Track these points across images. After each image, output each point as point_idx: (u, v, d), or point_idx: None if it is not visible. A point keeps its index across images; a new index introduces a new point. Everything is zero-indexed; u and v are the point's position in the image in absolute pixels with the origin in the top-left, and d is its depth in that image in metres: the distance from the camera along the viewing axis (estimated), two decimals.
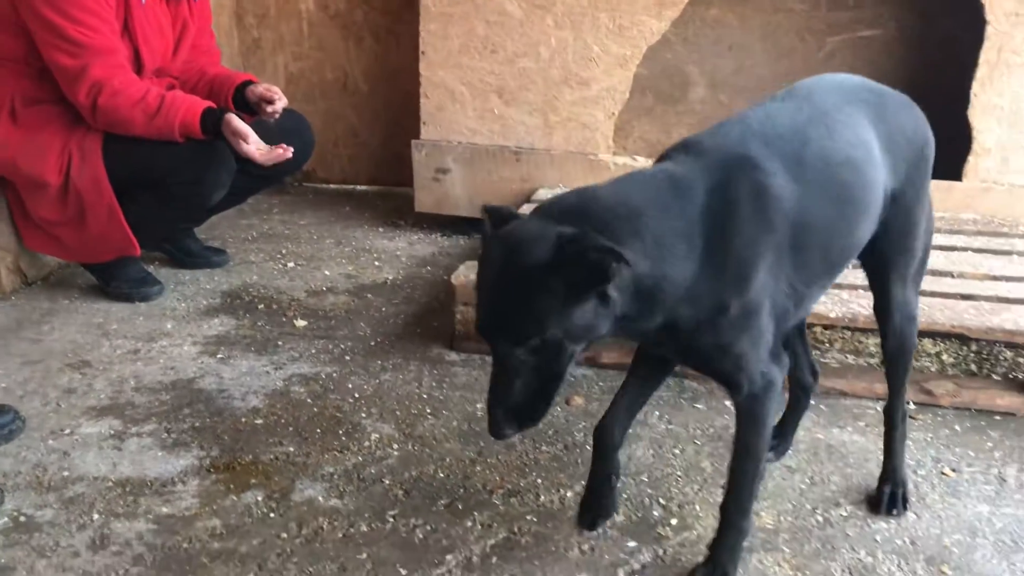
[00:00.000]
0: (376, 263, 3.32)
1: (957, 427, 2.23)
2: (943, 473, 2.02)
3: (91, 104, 2.58)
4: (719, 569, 1.62)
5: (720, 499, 1.66)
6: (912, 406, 2.31)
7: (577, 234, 1.29)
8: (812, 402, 2.12)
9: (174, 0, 2.87)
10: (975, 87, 3.18)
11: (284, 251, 3.41)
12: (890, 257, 1.77)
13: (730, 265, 1.41)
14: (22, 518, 1.82)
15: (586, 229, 1.30)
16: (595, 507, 1.78)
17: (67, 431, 2.14)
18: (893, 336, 1.83)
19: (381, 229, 3.67)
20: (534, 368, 1.35)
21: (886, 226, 1.71)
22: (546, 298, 1.30)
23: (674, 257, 1.37)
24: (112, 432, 2.14)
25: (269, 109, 2.84)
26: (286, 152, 2.67)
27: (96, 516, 1.83)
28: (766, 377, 1.52)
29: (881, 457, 2.04)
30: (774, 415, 1.58)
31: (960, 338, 2.51)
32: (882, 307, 1.82)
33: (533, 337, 1.32)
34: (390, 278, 3.18)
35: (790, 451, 2.08)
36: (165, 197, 2.73)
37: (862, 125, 1.62)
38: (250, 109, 2.88)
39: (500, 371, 1.38)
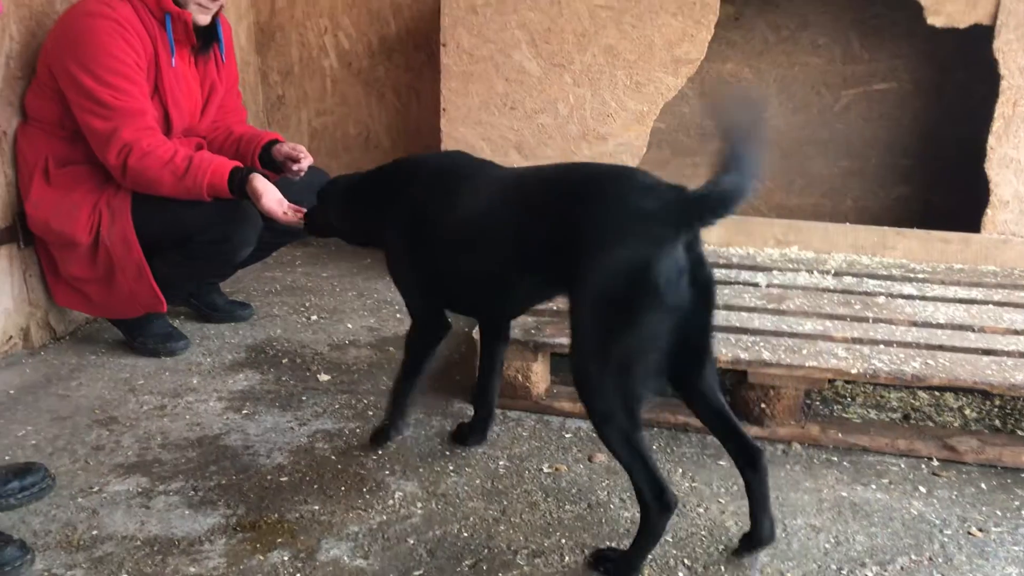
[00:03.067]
0: (397, 315, 3.35)
1: (983, 485, 2.21)
2: (970, 533, 2.01)
3: (121, 165, 2.64)
4: None
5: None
6: (936, 462, 2.31)
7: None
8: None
9: (203, 62, 2.95)
10: (991, 140, 3.20)
11: (307, 304, 3.45)
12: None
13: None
14: None
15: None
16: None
17: (96, 489, 2.17)
18: None
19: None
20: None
21: None
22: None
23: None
24: (140, 490, 2.17)
25: (295, 168, 2.90)
26: None
27: None
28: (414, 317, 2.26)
29: (906, 516, 2.04)
30: (417, 348, 2.27)
31: (983, 394, 2.52)
32: None
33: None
34: None
35: (813, 510, 2.08)
36: (193, 254, 2.78)
37: (503, 207, 1.93)
38: (276, 167, 2.94)
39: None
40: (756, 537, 1.88)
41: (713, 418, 1.86)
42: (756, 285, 2.96)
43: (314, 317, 3.32)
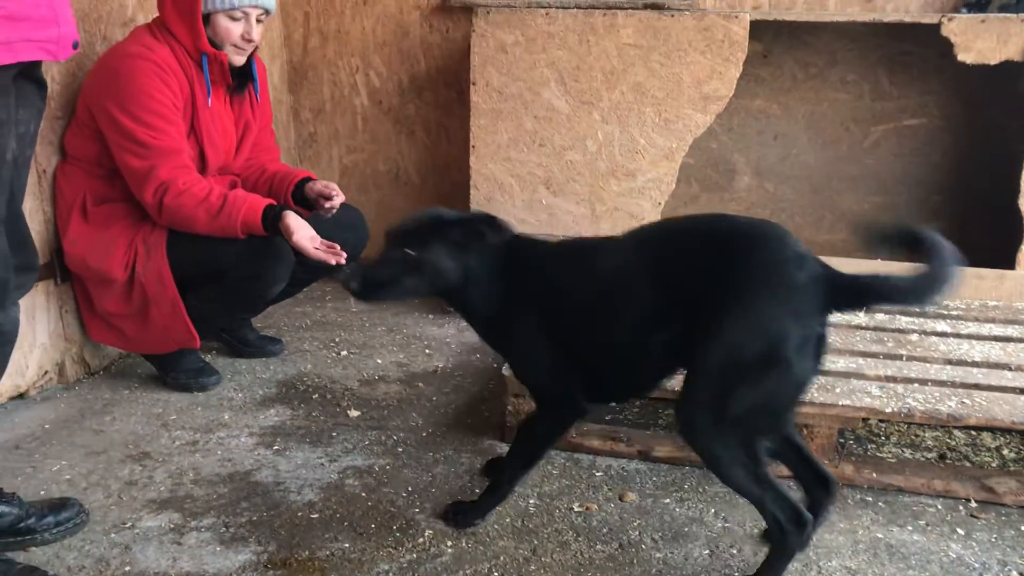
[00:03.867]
0: (427, 351, 3.36)
1: (1023, 527, 2.17)
2: None
3: (157, 203, 2.69)
4: None
5: None
6: (974, 504, 2.27)
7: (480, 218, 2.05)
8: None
9: (238, 101, 3.00)
10: None
11: (337, 339, 3.47)
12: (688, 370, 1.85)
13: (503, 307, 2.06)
14: None
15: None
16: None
17: (128, 524, 2.18)
18: None
19: (431, 316, 3.72)
20: (398, 266, 2.01)
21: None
22: (437, 237, 2.01)
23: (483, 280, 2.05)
24: (172, 526, 2.18)
25: (327, 205, 2.93)
26: (339, 257, 2.70)
27: None
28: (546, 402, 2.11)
29: (944, 559, 2.01)
30: (553, 433, 2.12)
31: (1021, 433, 2.48)
32: None
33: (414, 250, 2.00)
34: (440, 366, 3.22)
35: (849, 552, 2.05)
36: (226, 291, 2.81)
37: (636, 262, 1.91)
38: (309, 204, 2.97)
39: (380, 259, 2.05)
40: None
41: (790, 452, 2.01)
42: None
43: (344, 352, 3.34)
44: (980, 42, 3.17)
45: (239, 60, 2.86)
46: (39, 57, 1.80)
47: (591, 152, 3.52)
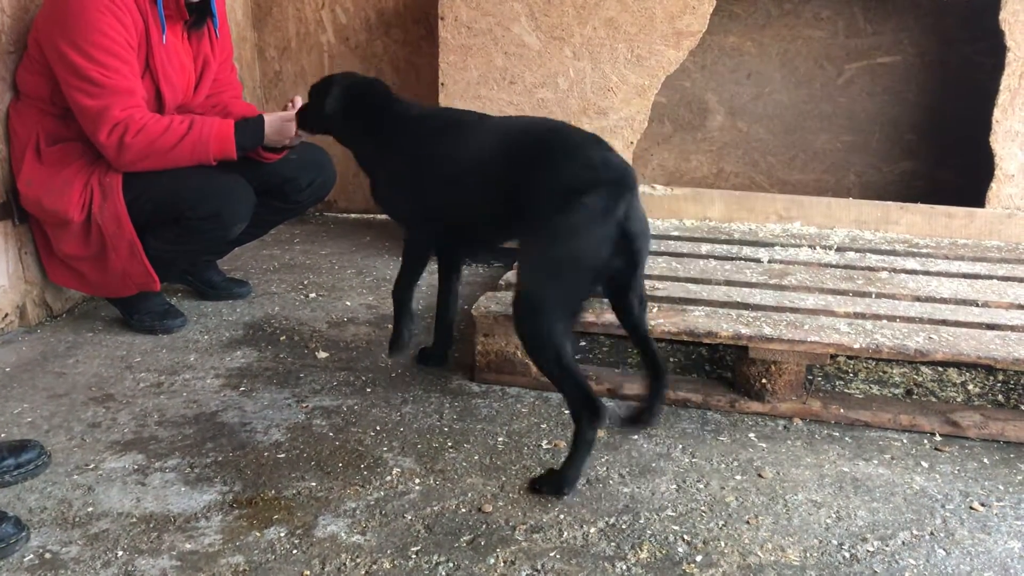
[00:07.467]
0: None
1: (985, 460, 2.19)
2: (972, 508, 1.99)
3: (116, 143, 2.60)
4: None
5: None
6: (938, 437, 2.29)
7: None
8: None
9: (195, 36, 2.91)
10: (996, 113, 3.17)
11: (306, 282, 3.43)
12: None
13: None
14: (48, 555, 1.82)
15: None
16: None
17: (91, 466, 2.15)
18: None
19: (401, 259, 3.67)
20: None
21: None
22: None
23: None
24: (136, 467, 2.15)
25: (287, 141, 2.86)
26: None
27: (120, 553, 1.83)
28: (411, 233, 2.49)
29: (908, 491, 2.03)
30: (411, 258, 2.52)
31: (987, 368, 2.49)
32: None
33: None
34: None
35: (815, 485, 2.06)
36: (186, 231, 2.75)
37: (485, 165, 2.20)
38: (276, 147, 2.90)
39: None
40: (641, 420, 2.10)
41: (633, 333, 2.17)
42: (758, 260, 2.93)
43: (312, 295, 3.30)
44: None
45: None
46: None
47: (562, 90, 3.46)
